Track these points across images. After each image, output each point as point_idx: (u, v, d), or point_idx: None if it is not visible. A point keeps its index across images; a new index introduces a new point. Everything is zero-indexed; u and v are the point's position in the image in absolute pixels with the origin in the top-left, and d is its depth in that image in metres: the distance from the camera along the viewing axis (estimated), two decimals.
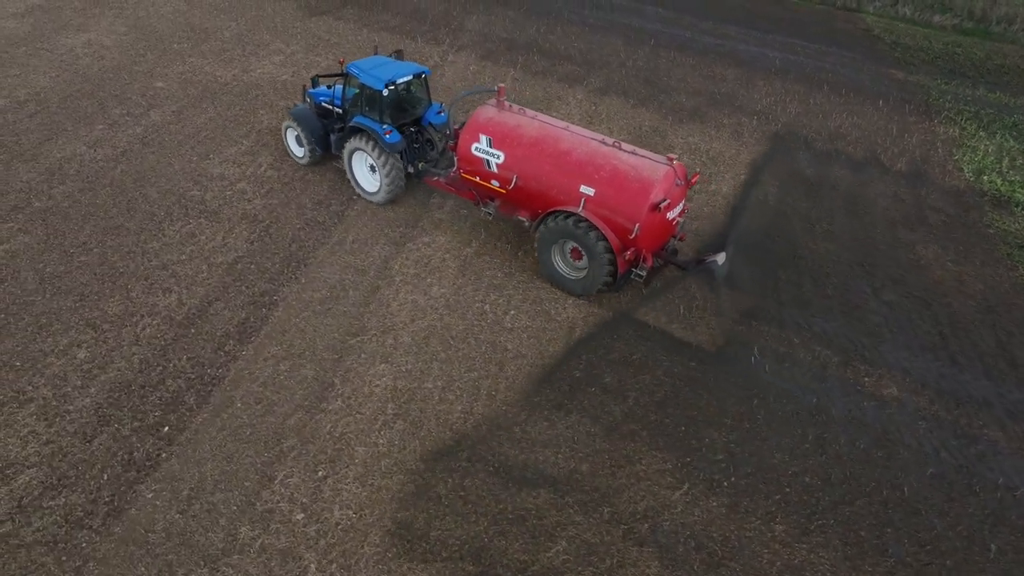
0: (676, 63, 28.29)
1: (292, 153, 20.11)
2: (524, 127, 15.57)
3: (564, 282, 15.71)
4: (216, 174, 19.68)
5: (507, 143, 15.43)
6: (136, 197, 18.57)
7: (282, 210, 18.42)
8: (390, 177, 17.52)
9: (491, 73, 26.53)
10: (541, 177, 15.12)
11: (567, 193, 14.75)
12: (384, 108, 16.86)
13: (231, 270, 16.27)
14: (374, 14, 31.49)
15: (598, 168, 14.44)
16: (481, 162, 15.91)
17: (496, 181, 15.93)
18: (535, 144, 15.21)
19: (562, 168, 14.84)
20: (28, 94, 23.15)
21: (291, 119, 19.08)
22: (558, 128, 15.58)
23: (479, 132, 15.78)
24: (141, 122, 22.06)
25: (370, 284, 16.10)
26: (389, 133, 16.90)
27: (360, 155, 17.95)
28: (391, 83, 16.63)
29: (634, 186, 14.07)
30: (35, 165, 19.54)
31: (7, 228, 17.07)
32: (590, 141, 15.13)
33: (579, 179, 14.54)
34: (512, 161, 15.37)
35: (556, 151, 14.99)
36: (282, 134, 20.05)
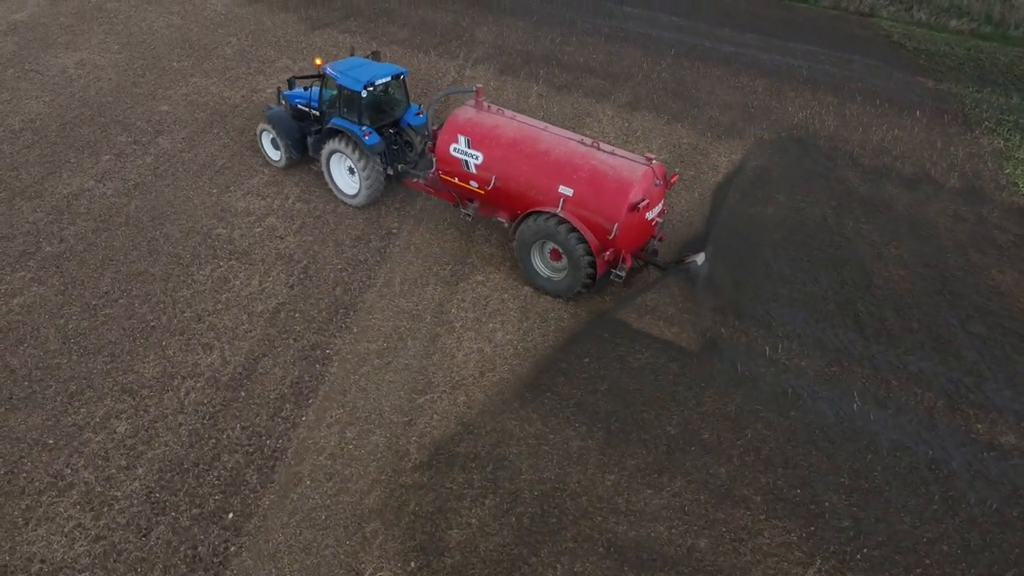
0: (702, 74, 27.18)
1: (268, 157, 19.68)
2: (502, 127, 15.44)
3: (544, 283, 15.55)
4: (241, 208, 18.10)
5: (485, 144, 15.30)
6: (157, 237, 16.95)
7: (319, 248, 16.91)
8: (370, 179, 17.24)
9: (514, 88, 25.21)
10: (520, 178, 14.98)
11: (546, 194, 14.61)
12: (363, 110, 16.60)
13: (274, 320, 14.74)
14: (379, 26, 29.99)
15: (576, 168, 14.34)
16: (460, 163, 15.76)
17: (475, 182, 15.78)
18: (513, 144, 15.08)
19: (540, 168, 14.71)
20: (23, 122, 21.32)
21: (266, 122, 18.64)
22: (536, 128, 15.45)
23: (457, 133, 15.61)
24: (150, 151, 20.38)
25: (428, 332, 14.69)
26: (368, 135, 16.63)
27: (339, 157, 17.70)
28: (370, 84, 16.46)
29: (612, 186, 13.96)
30: (40, 203, 17.81)
31: (19, 278, 15.36)
32: (568, 141, 15.01)
33: (558, 179, 14.43)
34: (491, 162, 15.24)
35: (534, 151, 14.87)
36: (257, 137, 19.63)
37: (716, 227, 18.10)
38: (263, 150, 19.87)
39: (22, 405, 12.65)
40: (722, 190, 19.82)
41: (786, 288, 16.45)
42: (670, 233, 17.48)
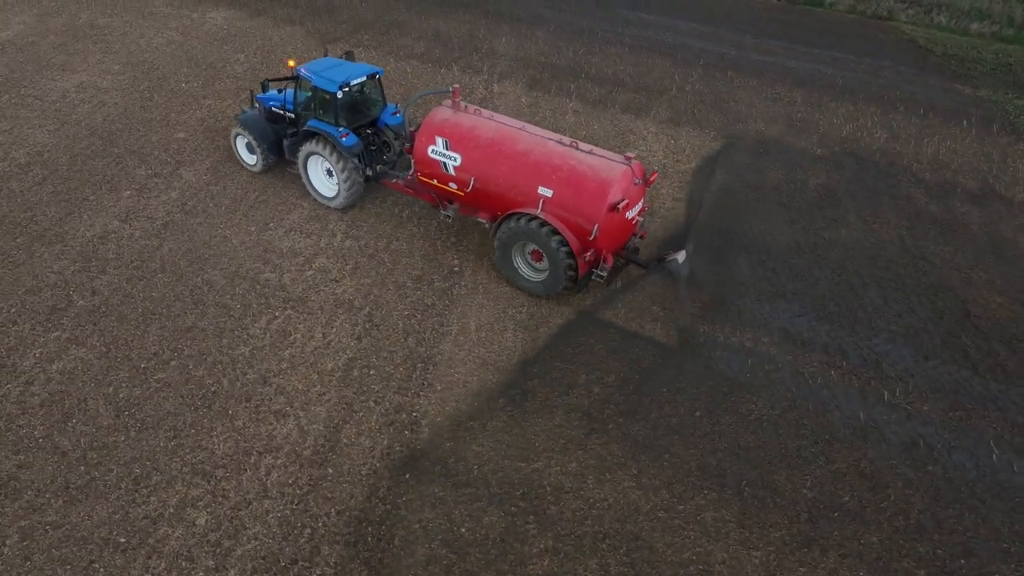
0: (736, 85, 26.13)
1: (243, 161, 19.24)
2: (480, 128, 15.25)
3: (526, 284, 15.41)
4: (286, 248, 16.53)
5: (464, 145, 15.14)
6: (199, 284, 15.34)
7: (379, 292, 15.44)
8: (349, 181, 16.97)
9: (548, 105, 23.94)
10: (499, 179, 14.84)
11: (525, 194, 14.49)
12: (339, 111, 16.34)
13: (347, 379, 13.27)
14: (392, 39, 28.49)
15: (556, 169, 14.23)
16: (438, 165, 15.59)
17: (454, 184, 15.63)
18: (492, 145, 14.91)
19: (519, 169, 14.57)
20: (29, 154, 19.47)
21: (240, 126, 18.19)
22: (515, 128, 15.22)
23: (435, 134, 15.45)
24: (173, 184, 18.69)
25: (520, 387, 13.29)
26: (345, 136, 16.37)
27: (316, 160, 17.38)
28: (345, 85, 16.17)
29: (592, 186, 13.87)
30: (63, 249, 16.07)
31: (54, 339, 13.66)
32: (547, 141, 14.83)
33: (537, 180, 14.31)
34: (469, 163, 15.09)
35: (513, 152, 14.71)
36: (231, 142, 19.11)
37: (797, 254, 17.02)
38: (238, 155, 19.27)
39: (82, 495, 11.03)
40: (787, 211, 18.67)
41: (883, 320, 15.41)
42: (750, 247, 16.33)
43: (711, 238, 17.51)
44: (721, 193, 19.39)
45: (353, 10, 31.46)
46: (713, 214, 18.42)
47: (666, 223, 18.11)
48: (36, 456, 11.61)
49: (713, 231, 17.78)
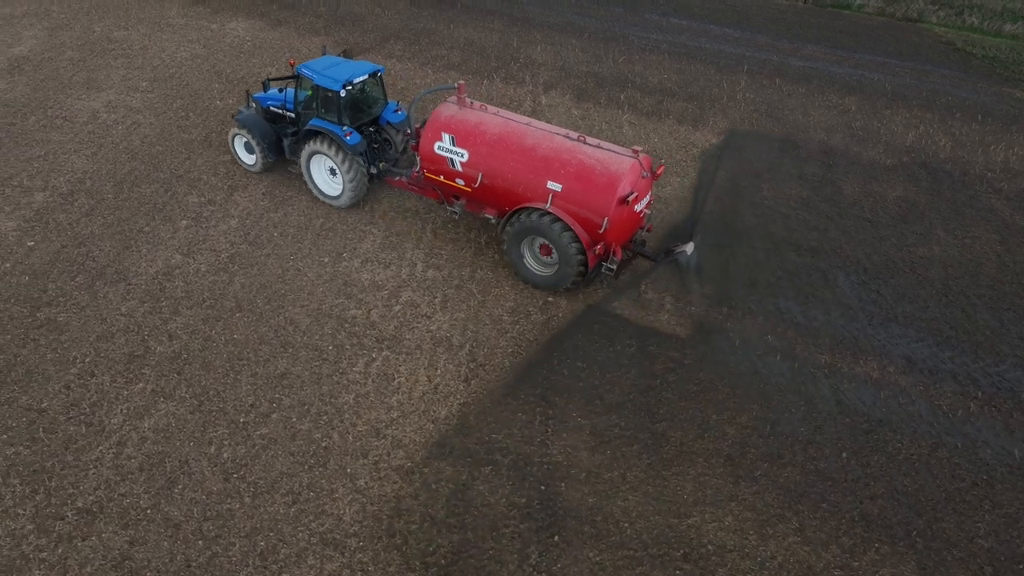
0: (786, 92, 25.46)
1: (242, 162, 19.02)
2: (487, 124, 15.20)
3: (535, 279, 15.37)
4: (366, 281, 15.47)
5: (471, 141, 15.09)
6: (282, 324, 14.23)
7: (476, 328, 14.45)
8: (354, 180, 16.82)
9: (600, 117, 23.08)
10: (507, 174, 14.80)
11: (534, 189, 14.50)
12: (343, 109, 16.23)
13: (464, 427, 12.40)
14: (425, 49, 27.42)
15: (564, 163, 14.23)
16: (445, 161, 15.54)
17: (461, 180, 15.59)
18: (499, 141, 14.88)
19: (528, 164, 14.53)
20: (70, 182, 18.16)
21: (239, 126, 17.95)
22: (521, 124, 15.17)
23: (441, 130, 15.39)
24: (231, 211, 17.51)
25: (650, 430, 12.40)
26: (349, 135, 16.27)
27: (319, 159, 17.23)
28: (348, 83, 16.08)
29: (601, 180, 13.88)
30: (128, 288, 14.87)
31: (138, 392, 12.49)
32: (555, 136, 14.79)
33: (546, 175, 14.32)
34: (477, 159, 15.05)
35: (521, 147, 14.68)
36: (229, 143, 18.83)
37: (896, 273, 16.35)
38: (236, 155, 18.98)
39: (205, 575, 9.82)
40: (874, 226, 17.96)
41: (1005, 344, 14.82)
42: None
43: (805, 256, 16.76)
44: (801, 207, 18.68)
45: (376, 19, 30.29)
46: (797, 230, 17.75)
47: (751, 239, 17.28)
48: (147, 530, 10.46)
49: (804, 249, 17.12)
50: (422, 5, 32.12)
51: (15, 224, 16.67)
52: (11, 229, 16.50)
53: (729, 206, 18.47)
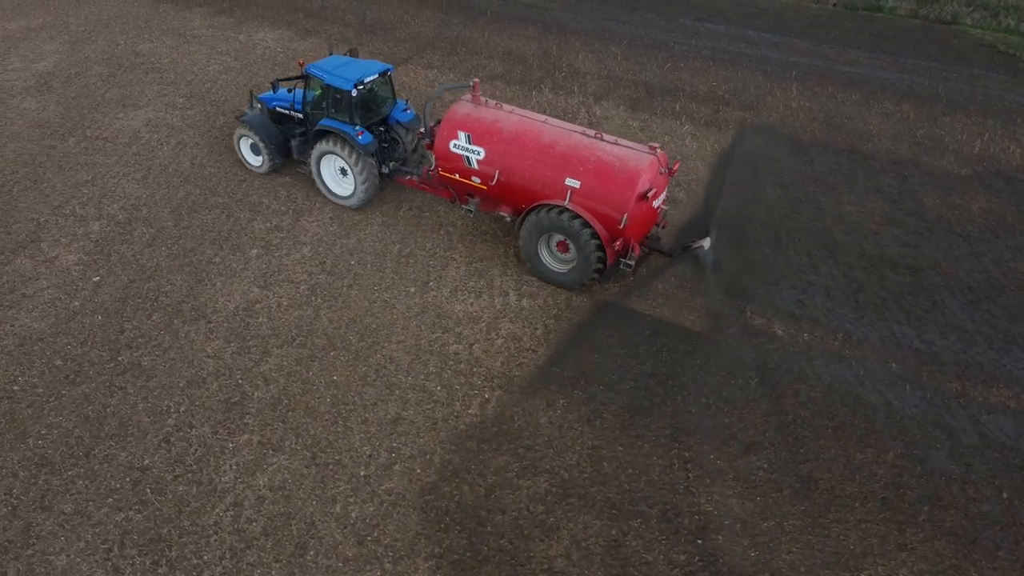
0: (841, 100, 24.92)
1: (247, 163, 18.85)
2: (503, 121, 15.17)
3: (552, 276, 15.31)
4: (460, 313, 14.66)
5: (487, 138, 15.04)
6: (382, 363, 13.41)
7: (585, 362, 13.54)
8: (366, 180, 16.79)
9: (659, 128, 22.41)
10: (524, 171, 14.76)
11: (552, 186, 14.47)
12: (354, 109, 16.13)
13: (602, 477, 11.61)
14: (464, 58, 26.58)
15: (583, 160, 14.22)
16: (460, 159, 15.47)
17: (477, 178, 15.51)
18: (516, 138, 14.85)
19: (546, 161, 14.51)
20: (124, 209, 17.10)
21: (245, 127, 17.78)
22: (537, 121, 15.16)
23: (457, 128, 15.31)
24: (300, 238, 16.56)
25: (795, 472, 11.67)
26: (361, 134, 16.19)
27: (329, 159, 17.10)
28: (360, 83, 16.03)
29: (621, 176, 13.89)
30: (210, 327, 13.94)
31: (244, 444, 11.64)
32: (571, 133, 14.80)
33: (564, 172, 14.29)
34: (493, 156, 15.01)
35: (538, 144, 14.67)
36: (235, 145, 18.65)
37: (1002, 293, 16.09)
38: (242, 157, 18.84)
39: None
40: (967, 242, 17.38)
41: None
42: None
43: (904, 274, 16.27)
44: (887, 222, 18.11)
45: (407, 27, 29.35)
46: (889, 247, 17.27)
47: (847, 256, 16.85)
48: None
49: (902, 267, 16.57)
50: (451, 12, 31.21)
51: (76, 257, 15.59)
52: (73, 263, 15.41)
53: (815, 221, 17.88)
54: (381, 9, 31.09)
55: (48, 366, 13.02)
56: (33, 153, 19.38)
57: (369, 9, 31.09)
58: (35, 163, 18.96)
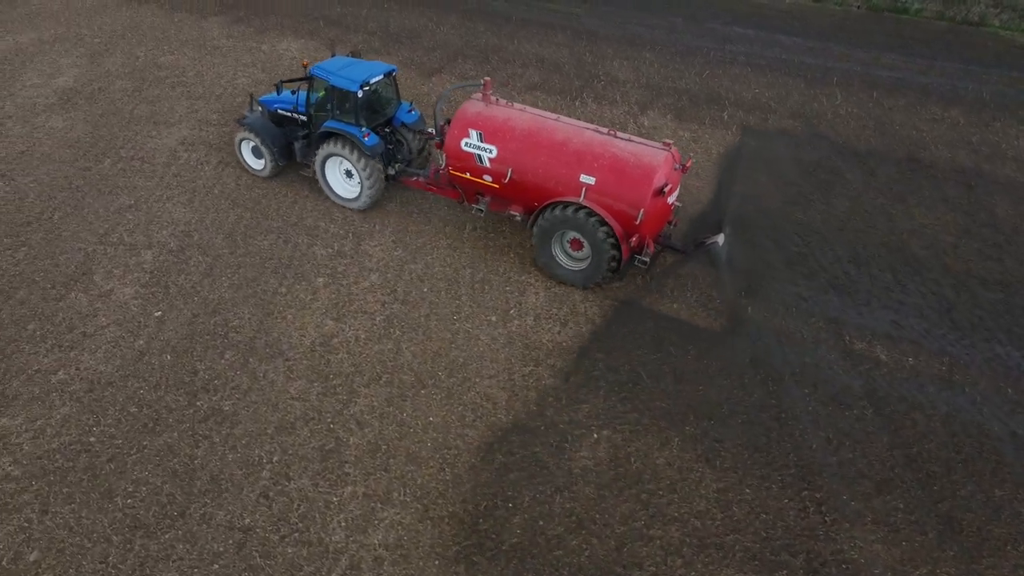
0: (887, 106, 24.48)
1: (249, 167, 18.59)
2: (515, 119, 15.13)
3: (565, 274, 15.30)
4: (549, 343, 14.16)
5: (499, 136, 14.96)
6: (478, 402, 12.79)
7: (690, 393, 12.81)
8: (372, 182, 16.61)
9: (712, 139, 21.76)
10: (538, 169, 14.71)
11: (566, 184, 14.45)
12: (359, 110, 15.90)
13: (734, 523, 10.81)
14: (498, 67, 25.82)
15: (597, 157, 14.23)
16: (472, 157, 15.36)
17: (489, 176, 15.41)
18: (529, 136, 14.81)
19: (560, 159, 14.49)
20: (176, 237, 16.18)
21: (247, 130, 17.51)
22: (549, 119, 15.19)
23: (468, 127, 15.18)
24: (365, 264, 15.74)
25: (937, 514, 10.93)
26: (367, 136, 16.02)
27: (334, 161, 16.88)
28: (365, 84, 15.81)
29: (636, 173, 13.93)
30: (289, 365, 13.12)
31: (350, 496, 10.82)
32: (584, 130, 14.82)
33: (579, 169, 14.28)
34: (506, 154, 14.94)
35: (552, 142, 14.65)
36: (236, 148, 18.41)
37: None
38: (243, 161, 18.54)
39: None
40: None
41: None
42: None
43: (994, 291, 15.90)
44: (963, 235, 17.68)
45: (433, 35, 28.49)
46: (971, 261, 16.90)
47: (932, 273, 16.44)
48: None
49: (991, 283, 16.18)
50: (475, 19, 30.39)
51: (133, 291, 14.63)
52: (131, 297, 14.45)
53: (890, 235, 17.58)
54: (403, 16, 30.18)
55: (123, 414, 12.04)
56: (68, 176, 18.29)
57: (391, 16, 30.18)
58: (72, 187, 17.88)
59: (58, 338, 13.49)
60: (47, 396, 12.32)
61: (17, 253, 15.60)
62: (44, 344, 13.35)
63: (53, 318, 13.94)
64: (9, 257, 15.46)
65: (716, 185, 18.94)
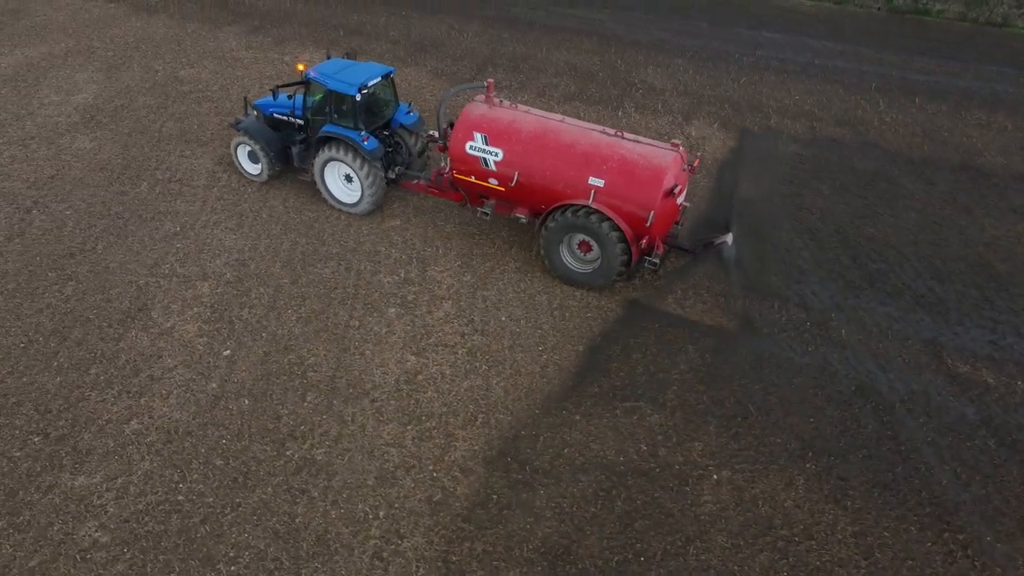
0: (931, 112, 24.19)
1: (246, 172, 18.23)
2: (520, 122, 14.97)
3: (576, 277, 15.12)
4: (640, 374, 12.98)
5: (505, 139, 14.81)
6: (586, 443, 12.04)
7: (800, 424, 12.14)
8: (373, 186, 16.33)
9: (764, 148, 20.92)
10: (545, 172, 14.55)
11: (574, 186, 14.30)
12: (358, 114, 15.63)
13: (880, 571, 9.95)
14: (529, 77, 25.24)
15: (605, 159, 14.15)
16: (477, 161, 15.15)
17: (495, 180, 15.21)
18: (536, 139, 14.68)
19: (568, 161, 14.35)
20: (230, 266, 15.46)
21: (243, 135, 17.23)
22: (555, 121, 15.03)
23: (473, 130, 15.03)
24: (435, 292, 15.22)
25: None
26: (367, 139, 15.75)
27: (333, 166, 16.58)
28: (364, 87, 15.51)
29: (646, 174, 13.87)
30: (376, 406, 12.58)
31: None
32: (591, 132, 14.75)
33: (587, 171, 14.15)
34: (512, 157, 14.77)
35: (559, 144, 14.52)
36: (232, 153, 18.02)
37: None
38: (239, 166, 18.17)
39: None
40: None
41: None
42: None
43: None
44: None
45: (457, 44, 27.69)
46: None
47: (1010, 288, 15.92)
48: None
49: None
50: (498, 26, 29.65)
51: (196, 327, 13.70)
52: (194, 334, 13.52)
53: (965, 248, 17.17)
54: (424, 24, 29.33)
55: (208, 467, 11.15)
56: (105, 201, 17.29)
57: (412, 24, 29.30)
58: (111, 213, 16.86)
59: (124, 383, 12.51)
60: (123, 450, 11.36)
61: (65, 288, 14.56)
62: (111, 390, 12.36)
63: (115, 360, 12.95)
64: (57, 293, 14.41)
65: (774, 195, 18.32)
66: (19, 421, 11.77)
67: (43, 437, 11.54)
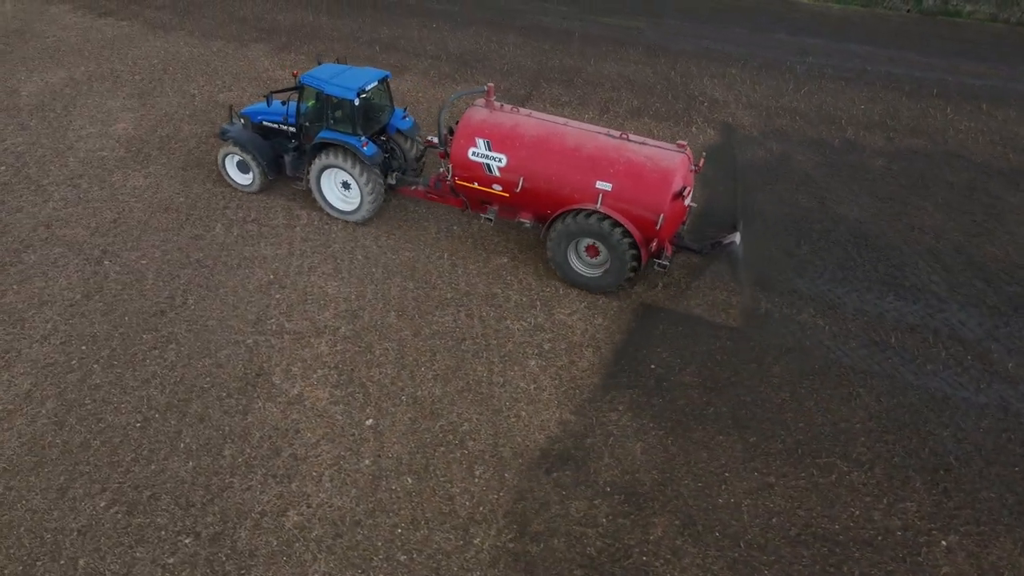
0: (999, 118, 23.88)
1: (235, 183, 17.63)
2: (523, 126, 14.71)
3: (585, 281, 14.95)
4: (820, 423, 12.01)
5: (508, 144, 14.53)
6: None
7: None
8: (373, 192, 15.94)
9: (850, 160, 20.18)
10: (551, 177, 14.29)
11: (581, 191, 14.09)
12: (357, 119, 15.25)
13: None
14: (587, 92, 24.25)
15: (612, 162, 13.93)
16: (480, 167, 14.86)
17: (498, 185, 14.91)
18: (540, 143, 14.40)
19: (574, 165, 14.11)
20: (340, 316, 14.39)
21: (232, 144, 16.67)
22: (559, 124, 14.75)
23: (475, 136, 14.75)
24: (572, 339, 14.30)
25: None
26: (366, 145, 15.44)
27: (330, 173, 16.16)
28: (362, 91, 15.17)
29: (654, 177, 13.68)
30: (554, 480, 10.86)
31: None
32: (597, 135, 14.50)
33: (594, 175, 13.97)
34: (517, 162, 14.49)
35: (564, 148, 14.27)
36: (219, 164, 17.42)
37: None
38: (227, 177, 17.60)
39: None
40: None
41: None
42: None
43: None
44: None
45: (502, 58, 26.50)
46: None
47: None
48: None
49: None
50: (536, 37, 28.56)
51: (327, 393, 12.35)
52: (327, 401, 12.19)
53: None
54: (458, 37, 28.05)
55: (392, 564, 9.88)
56: (182, 248, 15.72)
57: (446, 37, 27.99)
58: (192, 261, 15.33)
59: (267, 465, 11.07)
60: (289, 548, 9.96)
61: (166, 353, 13.00)
62: (254, 475, 10.92)
63: (248, 438, 11.50)
64: (159, 359, 12.85)
65: (880, 214, 17.55)
66: (161, 519, 10.25)
67: (194, 538, 10.04)
